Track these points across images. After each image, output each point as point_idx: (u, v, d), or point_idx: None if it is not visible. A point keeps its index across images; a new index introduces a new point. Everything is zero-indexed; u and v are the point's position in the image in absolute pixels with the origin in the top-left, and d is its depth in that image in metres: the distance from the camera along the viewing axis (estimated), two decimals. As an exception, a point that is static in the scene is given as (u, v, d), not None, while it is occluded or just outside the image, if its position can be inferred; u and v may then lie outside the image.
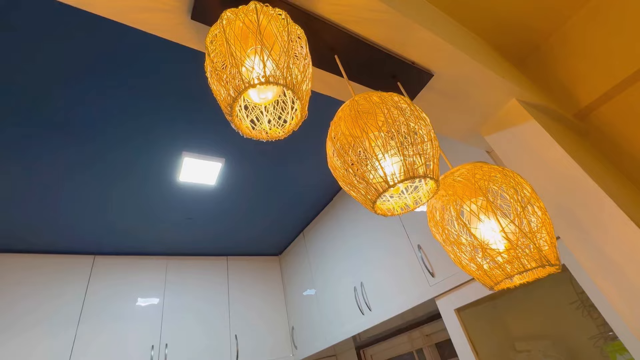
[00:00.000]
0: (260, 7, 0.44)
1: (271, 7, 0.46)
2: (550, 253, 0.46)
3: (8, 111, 1.12)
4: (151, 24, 0.60)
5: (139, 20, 0.58)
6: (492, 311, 1.31)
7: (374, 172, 0.46)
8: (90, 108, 1.18)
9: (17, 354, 1.55)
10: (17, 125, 1.17)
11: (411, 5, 0.79)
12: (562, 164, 0.85)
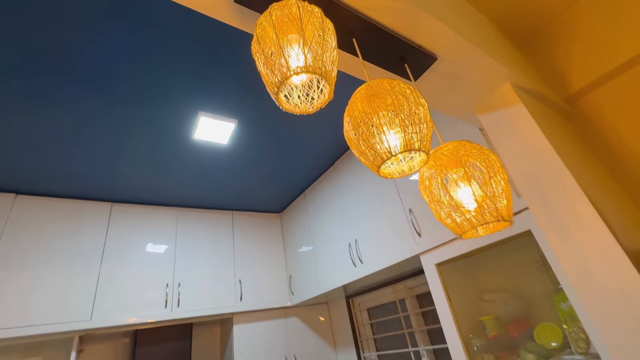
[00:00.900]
0: (300, 3, 0.55)
1: (308, 4, 0.57)
2: (506, 212, 0.62)
3: (29, 63, 1.21)
4: (196, 3, 0.69)
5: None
6: (466, 267, 1.52)
7: (381, 144, 0.59)
8: (112, 63, 1.26)
9: (53, 288, 1.77)
10: (38, 76, 1.26)
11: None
12: (538, 144, 0.99)
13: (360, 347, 2.40)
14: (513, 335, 1.29)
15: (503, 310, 1.37)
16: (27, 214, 1.86)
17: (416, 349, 1.99)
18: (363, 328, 2.45)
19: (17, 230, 1.80)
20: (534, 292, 1.32)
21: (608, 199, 1.04)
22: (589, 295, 0.84)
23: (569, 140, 1.21)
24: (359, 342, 2.42)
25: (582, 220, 0.88)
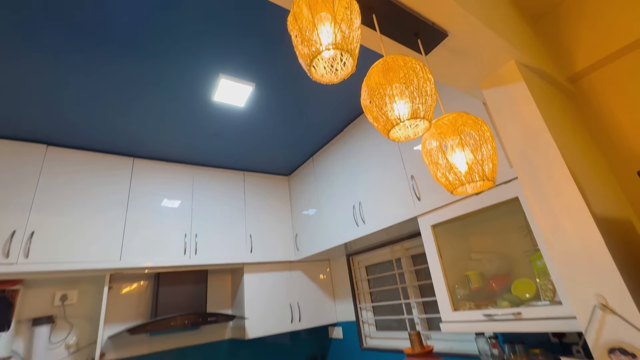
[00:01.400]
0: (332, -14, 0.64)
1: (338, -15, 0.66)
2: (490, 174, 0.75)
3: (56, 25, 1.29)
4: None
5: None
6: (459, 229, 1.69)
7: (392, 111, 0.71)
8: (138, 25, 1.34)
9: (87, 231, 1.97)
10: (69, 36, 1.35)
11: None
12: (532, 120, 1.10)
13: (357, 299, 2.66)
14: (494, 288, 1.48)
15: (487, 268, 1.56)
16: (59, 164, 2.02)
17: (407, 301, 2.22)
18: (361, 283, 2.70)
19: (52, 178, 1.97)
20: (516, 253, 1.49)
21: (590, 171, 1.16)
22: (558, 250, 0.99)
23: (565, 117, 1.31)
24: (356, 295, 2.67)
25: (560, 188, 1.01)
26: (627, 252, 1.02)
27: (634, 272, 0.97)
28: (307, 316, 2.63)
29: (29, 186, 1.89)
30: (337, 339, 2.79)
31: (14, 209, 1.81)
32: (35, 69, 1.48)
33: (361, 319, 2.60)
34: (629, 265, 0.97)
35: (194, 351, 2.39)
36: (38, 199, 1.89)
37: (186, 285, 2.30)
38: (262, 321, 2.40)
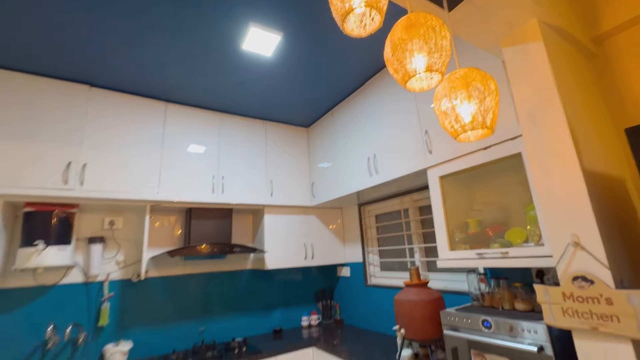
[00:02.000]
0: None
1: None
2: (490, 123, 0.88)
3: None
4: None
5: None
6: (465, 182, 1.83)
7: (410, 64, 0.83)
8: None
9: (131, 166, 2.21)
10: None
11: None
12: (544, 80, 1.17)
13: (365, 244, 2.93)
14: (489, 234, 1.66)
15: (486, 217, 1.73)
16: (102, 104, 2.22)
17: (411, 246, 2.46)
18: (370, 230, 2.94)
19: (96, 118, 2.18)
20: (513, 206, 1.64)
21: (593, 131, 1.26)
22: (545, 196, 1.14)
23: (579, 78, 1.36)
24: (364, 240, 2.94)
25: (558, 143, 1.12)
26: (610, 204, 1.15)
27: (610, 221, 1.11)
28: (319, 255, 2.94)
29: (79, 123, 2.11)
30: (344, 277, 3.13)
31: (67, 143, 2.05)
32: (81, 17, 1.59)
33: (367, 261, 2.89)
34: (608, 215, 1.11)
35: (220, 276, 2.76)
36: (87, 135, 2.12)
37: (214, 220, 2.59)
38: (280, 255, 2.72)
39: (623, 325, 0.93)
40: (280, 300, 3.01)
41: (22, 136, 1.94)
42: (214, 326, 2.64)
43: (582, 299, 1.01)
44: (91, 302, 2.24)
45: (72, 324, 2.14)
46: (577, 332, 1.04)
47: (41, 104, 2.04)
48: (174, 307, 2.51)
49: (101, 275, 2.31)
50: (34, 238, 1.97)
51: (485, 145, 1.55)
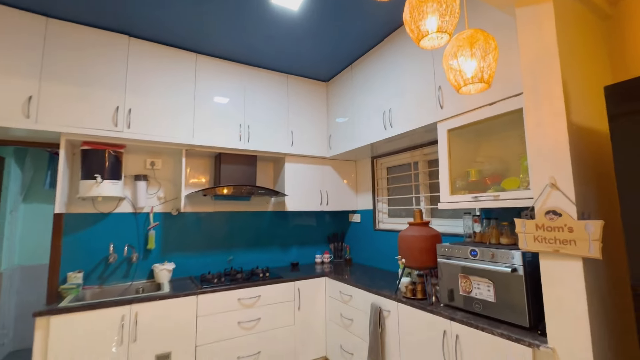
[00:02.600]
0: None
1: None
2: (488, 79, 1.05)
3: None
4: None
5: None
6: (469, 137, 2.01)
7: (424, 25, 1.00)
8: None
9: (171, 114, 2.46)
10: None
11: None
12: (548, 40, 1.30)
13: (376, 193, 3.20)
14: (487, 183, 1.88)
15: (486, 168, 1.93)
16: (141, 55, 2.41)
17: (418, 195, 2.71)
18: (381, 181, 3.20)
19: (138, 67, 2.39)
20: (511, 159, 1.82)
21: (589, 89, 1.40)
22: (534, 144, 1.33)
23: (588, 39, 1.47)
24: (375, 190, 3.21)
25: (551, 100, 1.29)
26: (588, 154, 1.34)
27: (585, 168, 1.31)
28: (333, 202, 3.24)
29: (122, 72, 2.34)
30: (355, 222, 3.46)
31: (114, 90, 2.30)
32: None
33: (377, 209, 3.18)
34: (585, 163, 1.30)
35: (245, 215, 3.13)
36: (130, 83, 2.35)
37: (241, 165, 2.88)
38: (298, 200, 3.03)
39: (578, 248, 1.18)
40: (297, 239, 3.40)
41: (78, 82, 2.19)
42: (239, 257, 3.07)
43: (550, 228, 1.25)
44: (140, 229, 2.65)
45: (127, 245, 2.57)
46: (543, 254, 1.30)
47: (92, 53, 2.25)
48: (207, 238, 2.92)
49: (146, 208, 2.69)
50: (92, 172, 2.31)
51: (491, 101, 1.70)
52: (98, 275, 2.47)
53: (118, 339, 2.00)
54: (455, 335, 1.61)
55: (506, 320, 1.48)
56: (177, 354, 2.17)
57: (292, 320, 2.62)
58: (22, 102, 2.04)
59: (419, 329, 1.82)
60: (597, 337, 1.16)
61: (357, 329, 2.36)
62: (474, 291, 1.63)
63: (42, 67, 2.10)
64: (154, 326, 2.11)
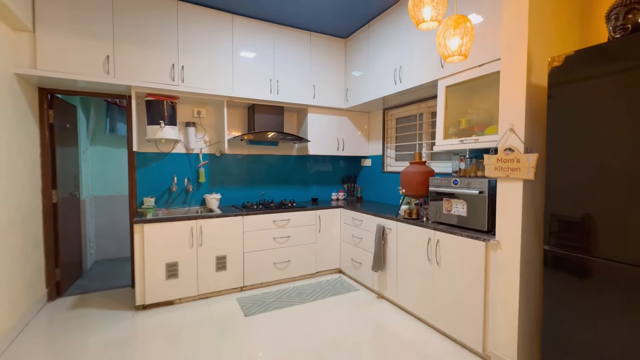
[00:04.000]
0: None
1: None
2: (465, 52, 1.50)
3: None
4: None
5: None
6: (465, 92, 2.45)
7: (421, 14, 1.44)
8: None
9: (216, 71, 2.92)
10: None
11: None
12: (520, 19, 1.69)
13: (385, 141, 3.71)
14: (474, 129, 2.36)
15: (474, 118, 2.40)
16: (188, 18, 2.82)
17: (420, 142, 3.22)
18: (390, 130, 3.68)
19: (187, 29, 2.81)
20: (495, 111, 2.28)
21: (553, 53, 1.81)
22: (503, 101, 1.80)
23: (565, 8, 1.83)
24: (385, 138, 3.71)
25: (517, 65, 1.72)
26: (538, 106, 1.79)
27: (535, 117, 1.78)
28: (348, 148, 3.78)
29: (174, 33, 2.77)
30: (366, 166, 4.02)
31: (169, 49, 2.76)
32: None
33: (386, 154, 3.71)
34: (535, 114, 1.77)
35: (273, 158, 3.72)
36: (181, 43, 2.80)
37: (271, 115, 3.39)
38: (318, 145, 3.58)
39: (521, 173, 1.71)
40: (316, 180, 4.01)
41: (142, 44, 2.65)
42: (270, 192, 3.73)
43: (505, 160, 1.78)
44: (192, 166, 3.28)
45: (186, 178, 3.23)
46: (499, 179, 1.84)
47: (150, 19, 2.68)
48: (244, 176, 3.56)
49: (196, 149, 3.29)
50: (156, 119, 2.87)
51: (480, 63, 2.12)
52: (164, 201, 3.17)
53: (190, 242, 2.74)
54: (436, 240, 2.24)
55: (472, 227, 2.09)
56: (231, 257, 2.93)
57: (314, 239, 3.34)
58: (102, 61, 2.54)
59: (411, 239, 2.46)
60: (525, 232, 1.75)
61: (365, 245, 3.05)
62: (453, 210, 2.22)
63: (114, 31, 2.56)
64: (213, 236, 2.83)
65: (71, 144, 3.26)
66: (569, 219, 1.48)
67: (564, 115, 1.51)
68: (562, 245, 1.51)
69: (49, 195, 2.75)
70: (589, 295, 1.41)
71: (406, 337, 2.22)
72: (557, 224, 1.53)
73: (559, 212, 1.52)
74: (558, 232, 1.53)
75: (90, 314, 2.57)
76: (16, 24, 2.21)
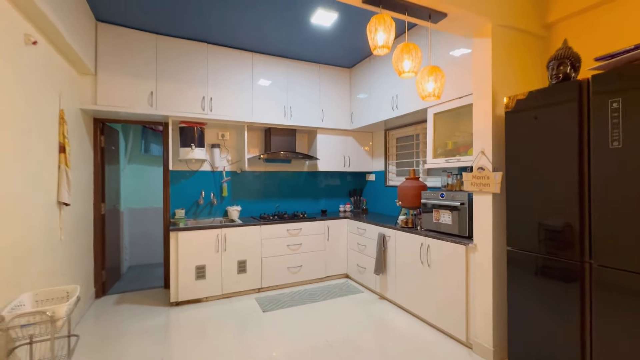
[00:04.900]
0: (387, 16, 1.73)
1: (390, 17, 1.74)
2: (438, 94, 1.92)
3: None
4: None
5: (345, -1, 1.83)
6: (452, 118, 2.86)
7: (402, 67, 1.88)
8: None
9: (240, 100, 3.43)
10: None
11: (447, -17, 1.84)
12: (486, 61, 2.11)
13: (387, 158, 4.12)
14: (459, 150, 2.75)
15: (460, 140, 2.80)
16: (216, 57, 3.35)
17: (417, 160, 3.62)
18: (391, 148, 4.10)
19: (215, 66, 3.34)
20: (477, 133, 2.67)
21: (515, 89, 2.20)
22: (476, 129, 2.20)
23: (526, 54, 2.23)
24: (387, 155, 4.12)
25: (484, 100, 2.13)
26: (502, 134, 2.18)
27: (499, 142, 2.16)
28: (353, 164, 4.21)
29: (205, 70, 3.30)
30: (370, 180, 4.43)
31: (200, 84, 3.28)
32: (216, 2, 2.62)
33: (387, 170, 4.12)
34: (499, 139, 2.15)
35: (287, 174, 4.17)
36: (210, 78, 3.33)
37: (284, 137, 3.87)
38: (327, 162, 4.02)
39: (490, 188, 2.10)
40: (325, 193, 4.44)
41: (179, 81, 3.19)
42: (283, 205, 4.17)
43: (479, 177, 2.17)
44: (216, 182, 3.77)
45: (211, 192, 3.71)
46: (475, 193, 2.23)
47: (186, 58, 3.23)
48: (261, 190, 4.02)
49: (220, 167, 3.78)
50: (187, 142, 3.38)
51: (460, 95, 2.54)
52: (193, 212, 3.65)
53: (215, 248, 3.18)
54: (427, 245, 2.61)
55: (457, 234, 2.46)
56: (250, 261, 3.35)
57: (323, 247, 3.74)
58: (147, 96, 3.08)
59: (407, 245, 2.84)
60: (495, 236, 2.11)
61: (368, 252, 3.43)
62: (441, 219, 2.60)
63: (157, 71, 3.11)
64: (235, 243, 3.27)
65: (114, 163, 3.80)
66: (521, 224, 1.86)
67: (514, 141, 1.90)
68: (517, 245, 1.88)
69: (99, 207, 3.26)
70: (535, 287, 1.77)
71: (403, 331, 2.57)
72: (514, 228, 1.90)
73: (513, 218, 1.90)
74: (514, 235, 1.90)
75: (132, 308, 3.02)
76: (83, 69, 2.77)
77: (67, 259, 2.43)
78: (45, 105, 2.09)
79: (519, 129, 1.88)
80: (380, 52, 1.77)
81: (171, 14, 2.80)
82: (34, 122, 1.92)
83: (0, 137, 1.58)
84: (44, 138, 2.07)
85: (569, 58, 1.72)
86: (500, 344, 2.11)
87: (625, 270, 1.42)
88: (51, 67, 2.19)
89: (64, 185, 2.29)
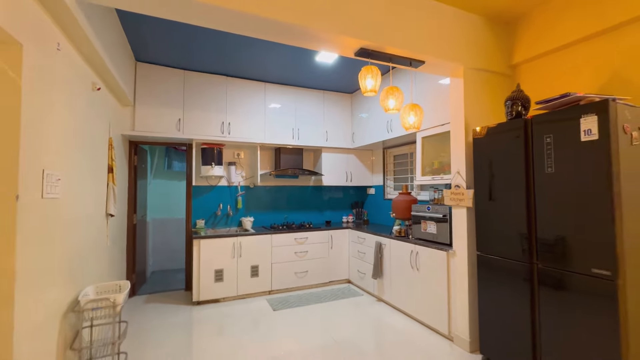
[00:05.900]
0: (374, 67, 2.19)
1: (377, 68, 2.20)
2: (418, 126, 2.36)
3: (264, 33, 2.87)
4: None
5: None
6: (438, 141, 3.29)
7: (388, 105, 2.34)
8: (294, 34, 2.87)
9: (253, 122, 3.93)
10: (265, 37, 2.94)
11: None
12: (459, 97, 2.56)
13: (385, 174, 4.55)
14: (445, 169, 3.17)
15: (445, 160, 3.22)
16: (234, 87, 3.88)
17: (412, 175, 4.04)
18: (389, 165, 4.53)
19: (232, 95, 3.87)
20: (459, 154, 3.08)
21: (484, 119, 2.63)
22: (453, 151, 2.63)
23: (495, 90, 2.67)
24: (385, 171, 4.55)
25: (459, 129, 2.56)
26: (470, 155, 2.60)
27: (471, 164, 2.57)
28: (355, 179, 4.64)
29: (224, 99, 3.82)
30: (371, 194, 4.85)
31: (220, 112, 3.80)
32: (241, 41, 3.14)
33: (386, 184, 4.54)
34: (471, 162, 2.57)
35: (294, 188, 4.63)
36: (228, 106, 3.84)
37: (292, 155, 4.34)
38: (331, 178, 4.46)
39: (465, 202, 2.50)
40: (329, 206, 4.87)
41: (202, 109, 3.71)
42: (291, 216, 4.61)
43: (456, 193, 2.58)
44: (232, 196, 4.24)
45: (228, 205, 4.18)
46: (453, 207, 2.63)
47: (209, 90, 3.76)
48: (271, 203, 4.47)
49: (235, 183, 4.26)
50: (208, 161, 3.87)
51: (442, 123, 2.98)
52: (211, 222, 4.12)
53: (232, 254, 3.62)
54: (416, 252, 3.01)
55: (441, 242, 2.85)
56: (262, 266, 3.78)
57: (327, 254, 4.15)
58: (175, 122, 3.61)
59: (399, 252, 3.23)
60: (469, 243, 2.51)
61: (367, 258, 3.82)
62: (428, 229, 3.00)
63: (184, 101, 3.64)
64: (249, 250, 3.71)
65: (143, 178, 4.32)
66: (484, 232, 2.26)
67: (479, 164, 2.32)
68: (485, 250, 2.27)
69: (132, 218, 3.75)
70: (499, 285, 2.15)
71: (396, 328, 2.95)
72: (481, 236, 2.30)
73: (480, 227, 2.30)
74: (482, 242, 2.30)
75: (160, 307, 3.46)
76: (125, 102, 3.30)
77: (111, 261, 2.90)
78: (101, 135, 2.60)
79: (483, 155, 2.30)
80: (370, 94, 2.23)
81: (198, 54, 3.33)
82: (96, 150, 2.43)
83: (80, 164, 2.07)
84: (101, 162, 2.57)
85: (520, 99, 2.15)
86: (475, 336, 2.47)
87: (562, 269, 1.81)
88: (105, 103, 2.71)
89: (111, 199, 2.78)
